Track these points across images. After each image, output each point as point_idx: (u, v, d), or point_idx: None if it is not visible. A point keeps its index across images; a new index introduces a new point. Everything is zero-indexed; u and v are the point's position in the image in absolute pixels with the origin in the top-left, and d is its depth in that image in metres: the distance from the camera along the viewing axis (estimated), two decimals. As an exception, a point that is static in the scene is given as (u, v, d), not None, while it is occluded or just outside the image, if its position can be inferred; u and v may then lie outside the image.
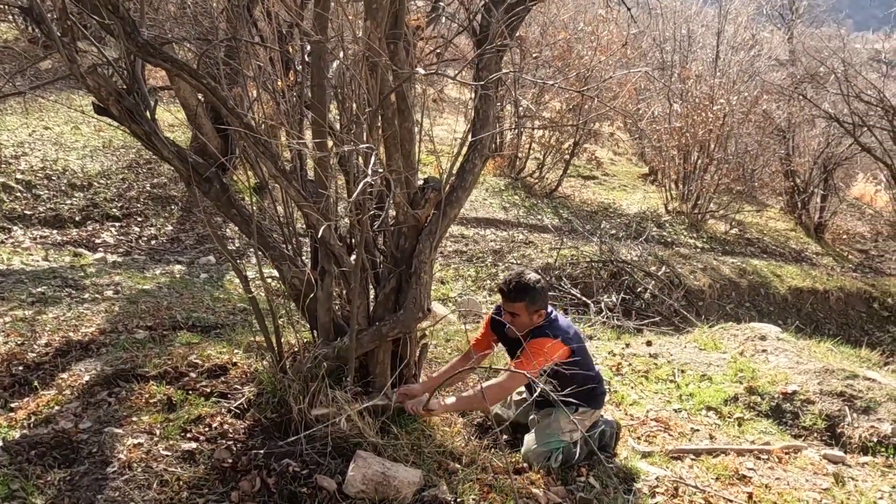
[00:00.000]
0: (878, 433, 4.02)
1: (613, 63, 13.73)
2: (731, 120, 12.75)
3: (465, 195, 2.78)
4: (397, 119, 2.77)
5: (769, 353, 5.05)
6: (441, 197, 2.73)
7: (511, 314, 3.17)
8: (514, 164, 14.19)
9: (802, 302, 9.29)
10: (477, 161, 2.71)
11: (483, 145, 2.69)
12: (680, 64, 13.91)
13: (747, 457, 3.68)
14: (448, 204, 2.76)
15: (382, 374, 3.16)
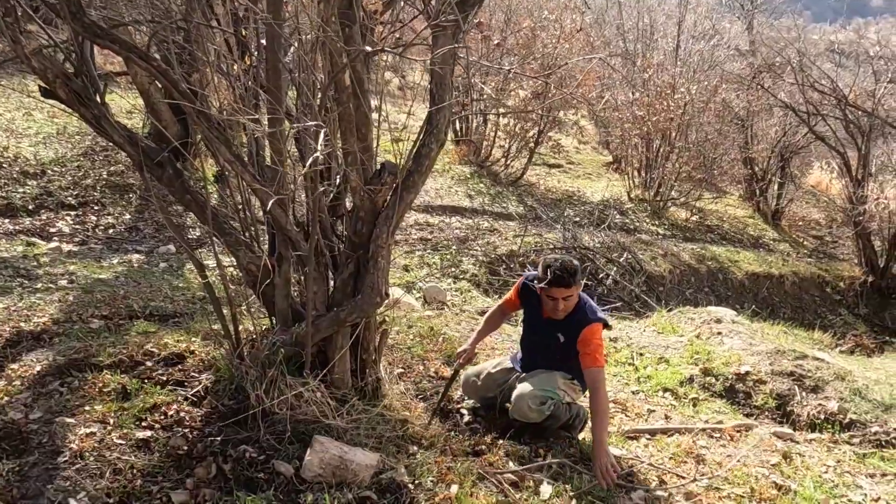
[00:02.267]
0: (826, 411, 4.16)
1: (577, 51, 13.83)
2: (692, 109, 12.95)
3: (422, 180, 2.79)
4: (353, 102, 2.76)
5: (724, 336, 5.18)
6: (397, 181, 2.73)
7: (566, 298, 3.29)
8: (479, 152, 14.22)
9: (759, 286, 9.53)
10: (433, 145, 2.71)
11: (439, 129, 2.69)
12: (642, 53, 14.06)
13: (700, 436, 3.78)
14: (405, 188, 2.76)
15: (342, 360, 3.16)
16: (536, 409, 3.29)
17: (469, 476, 2.81)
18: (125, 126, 2.95)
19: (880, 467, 3.52)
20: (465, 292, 7.83)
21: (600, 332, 3.28)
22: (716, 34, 14.30)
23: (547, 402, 3.32)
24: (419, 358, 4.37)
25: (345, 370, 3.19)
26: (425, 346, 4.56)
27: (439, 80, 2.63)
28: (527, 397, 3.31)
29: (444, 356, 4.46)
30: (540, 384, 3.37)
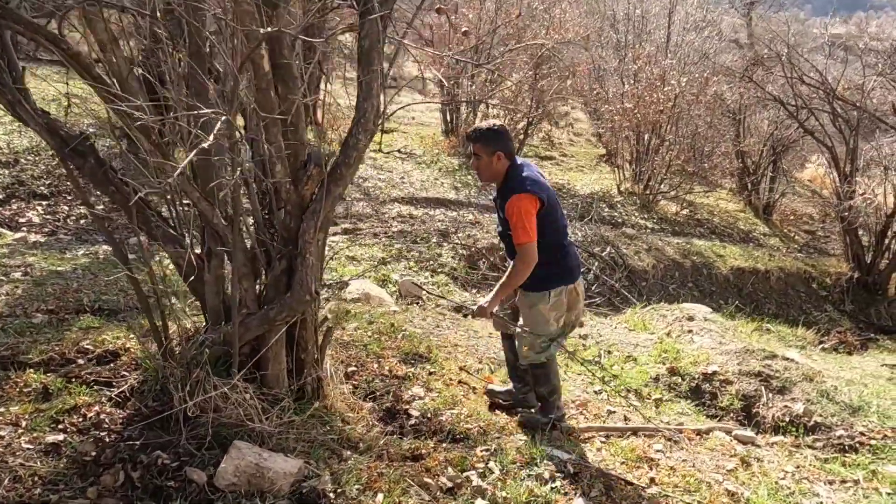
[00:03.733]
0: (791, 413, 4.04)
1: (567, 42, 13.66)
2: (682, 101, 12.78)
3: (351, 172, 2.64)
4: (282, 90, 2.62)
5: (695, 334, 5.05)
6: (324, 173, 2.59)
7: (477, 156, 3.38)
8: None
9: (744, 282, 9.39)
10: (360, 136, 2.57)
11: (367, 119, 2.54)
12: (634, 44, 13.87)
13: (657, 438, 3.66)
14: (332, 181, 2.61)
15: (276, 360, 3.03)
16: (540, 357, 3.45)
17: (399, 483, 2.69)
18: (45, 113, 2.82)
19: (840, 473, 3.40)
20: (443, 286, 7.70)
21: (523, 203, 3.16)
22: (707, 25, 14.09)
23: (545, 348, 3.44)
24: (375, 356, 4.23)
25: (279, 370, 3.06)
26: (383, 344, 4.43)
27: (367, 69, 2.48)
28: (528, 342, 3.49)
29: (401, 354, 4.33)
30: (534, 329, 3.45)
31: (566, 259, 3.43)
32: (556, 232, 3.38)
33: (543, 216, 3.25)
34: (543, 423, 3.54)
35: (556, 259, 3.37)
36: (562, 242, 3.40)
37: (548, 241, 3.30)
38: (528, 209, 3.17)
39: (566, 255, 3.43)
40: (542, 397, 3.58)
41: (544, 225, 3.26)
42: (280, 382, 3.08)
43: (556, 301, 3.38)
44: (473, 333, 5.24)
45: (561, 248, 3.40)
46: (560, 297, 3.40)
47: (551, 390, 3.55)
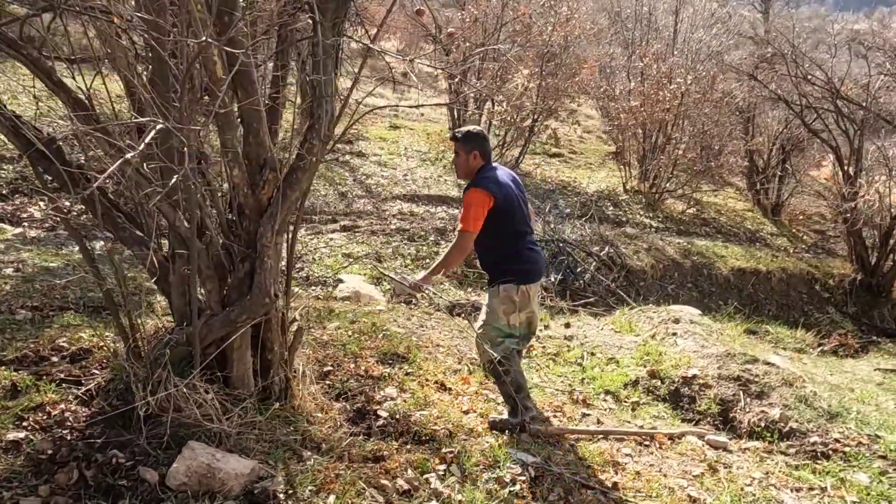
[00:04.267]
0: (767, 418, 4.01)
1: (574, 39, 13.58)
2: (689, 99, 12.67)
3: (307, 177, 2.67)
4: (241, 95, 2.64)
5: (679, 337, 5.03)
6: (279, 178, 2.62)
7: (456, 154, 3.66)
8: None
9: (744, 282, 9.32)
10: (314, 141, 2.59)
11: (321, 125, 2.56)
12: (641, 41, 13.77)
13: (627, 442, 3.65)
14: (287, 186, 2.64)
15: (241, 360, 3.06)
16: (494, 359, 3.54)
17: (354, 485, 2.71)
18: (12, 114, 2.86)
19: (809, 481, 3.37)
20: (437, 285, 7.72)
21: (474, 196, 3.41)
22: (717, 22, 13.95)
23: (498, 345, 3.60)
24: (352, 355, 4.26)
25: (244, 371, 3.10)
26: (362, 343, 4.46)
27: (321, 73, 2.50)
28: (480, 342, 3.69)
29: (379, 353, 4.36)
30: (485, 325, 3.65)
31: (520, 259, 3.55)
32: (510, 233, 3.53)
33: (497, 215, 3.44)
34: (514, 425, 3.57)
35: (509, 257, 3.54)
36: (516, 243, 3.55)
37: (501, 240, 3.51)
38: (477, 202, 3.40)
39: (520, 256, 3.55)
40: (509, 396, 3.61)
41: (498, 223, 3.46)
42: (245, 383, 3.12)
43: (505, 296, 3.53)
44: (458, 333, 5.25)
45: (514, 248, 3.55)
46: (509, 294, 3.52)
47: (517, 387, 3.58)
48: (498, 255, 3.56)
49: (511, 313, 3.55)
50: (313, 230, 8.81)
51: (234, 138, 2.53)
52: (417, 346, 4.57)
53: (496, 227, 3.45)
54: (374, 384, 3.95)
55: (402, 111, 17.65)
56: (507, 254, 3.54)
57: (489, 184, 3.43)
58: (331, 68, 2.50)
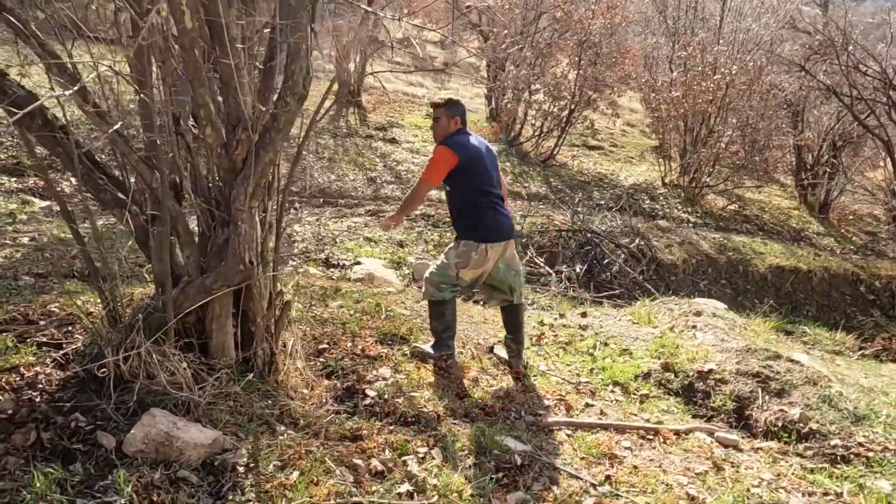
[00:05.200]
0: (786, 417, 3.75)
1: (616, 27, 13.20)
2: (733, 90, 12.19)
3: (281, 137, 2.54)
4: (219, 51, 2.53)
5: (698, 330, 4.77)
6: (252, 138, 2.50)
7: (436, 120, 3.83)
8: (509, 130, 13.84)
9: (783, 281, 8.90)
10: (289, 100, 2.46)
11: (295, 82, 2.43)
12: (686, 30, 13.30)
13: (628, 435, 3.45)
14: (261, 146, 2.52)
15: (220, 330, 2.98)
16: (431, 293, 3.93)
17: (324, 462, 2.59)
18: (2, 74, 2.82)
19: (824, 485, 3.11)
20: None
21: (438, 152, 3.68)
22: (767, 11, 13.38)
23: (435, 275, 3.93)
24: (351, 334, 4.15)
25: (224, 341, 3.01)
26: (363, 323, 4.34)
27: (294, 29, 2.37)
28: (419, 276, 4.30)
29: (379, 334, 4.23)
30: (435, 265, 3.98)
31: (483, 218, 3.76)
32: (474, 192, 3.75)
33: (463, 174, 3.70)
34: (432, 357, 3.93)
35: (473, 214, 3.76)
36: (479, 202, 3.75)
37: (466, 198, 3.76)
38: (441, 157, 3.67)
39: (483, 215, 3.76)
40: (435, 332, 3.97)
41: (464, 182, 3.73)
42: (225, 353, 3.03)
43: (463, 251, 3.79)
44: (468, 318, 5.09)
45: (478, 207, 3.76)
46: (468, 251, 3.77)
47: (445, 327, 3.93)
48: (463, 211, 3.79)
49: (463, 268, 3.81)
50: (338, 213, 8.76)
51: (205, 94, 2.42)
52: (421, 328, 4.42)
53: (462, 186, 3.74)
54: (368, 364, 3.83)
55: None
56: (470, 211, 3.76)
57: (456, 145, 3.69)
58: (305, 21, 2.37)
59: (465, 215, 3.80)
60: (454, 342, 4.08)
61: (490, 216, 3.78)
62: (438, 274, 3.88)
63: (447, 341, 3.99)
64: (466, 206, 3.77)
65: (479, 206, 3.76)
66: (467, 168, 3.70)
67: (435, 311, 3.95)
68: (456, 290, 3.91)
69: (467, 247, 3.77)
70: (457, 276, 3.83)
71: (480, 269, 3.84)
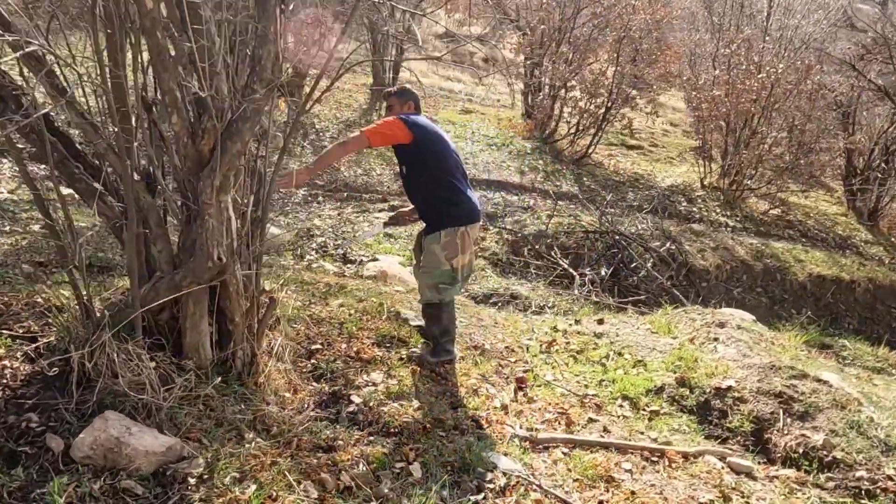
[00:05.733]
0: (807, 443, 3.45)
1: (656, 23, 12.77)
2: (779, 90, 11.66)
3: (249, 126, 2.37)
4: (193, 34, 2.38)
5: (720, 342, 4.47)
6: (218, 127, 2.34)
7: (390, 108, 3.81)
8: (544, 127, 13.53)
9: (823, 291, 8.44)
10: (256, 86, 2.30)
11: (263, 68, 2.26)
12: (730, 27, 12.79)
13: (631, 456, 3.20)
14: (227, 136, 2.36)
15: (195, 329, 2.83)
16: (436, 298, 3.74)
17: (288, 476, 2.42)
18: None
19: (843, 522, 2.83)
20: (478, 271, 7.36)
21: (391, 120, 3.50)
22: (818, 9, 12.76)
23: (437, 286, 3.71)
24: (348, 335, 3.99)
25: (199, 340, 2.87)
26: (362, 323, 4.17)
27: (262, 10, 2.20)
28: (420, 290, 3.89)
29: (378, 335, 4.06)
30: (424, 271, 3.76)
31: (459, 202, 3.60)
32: (447, 173, 3.59)
33: (426, 156, 3.54)
34: (430, 363, 3.73)
35: (449, 199, 3.58)
36: (453, 186, 3.59)
37: (438, 183, 3.57)
38: (391, 125, 3.48)
39: (458, 198, 3.60)
40: (434, 337, 3.79)
41: (430, 165, 3.55)
42: (200, 353, 2.89)
43: (447, 241, 3.59)
44: (477, 322, 4.89)
45: (452, 191, 3.59)
46: (452, 238, 3.58)
47: (443, 331, 3.75)
48: (437, 198, 3.61)
49: (454, 258, 3.62)
50: (360, 208, 8.63)
51: (169, 80, 2.27)
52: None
53: (431, 171, 3.56)
54: (361, 367, 3.66)
55: (476, 97, 17.29)
56: (446, 196, 3.59)
57: (411, 122, 3.50)
58: (273, 3, 2.20)
59: (441, 201, 3.61)
60: (454, 347, 3.91)
61: (465, 198, 3.64)
62: (433, 275, 3.69)
63: (446, 346, 3.81)
64: (442, 190, 3.59)
65: (454, 188, 3.61)
66: (431, 147, 3.54)
67: (430, 314, 3.79)
68: (455, 287, 3.73)
69: (450, 235, 3.59)
70: (452, 268, 3.64)
71: (468, 253, 3.69)
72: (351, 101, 13.42)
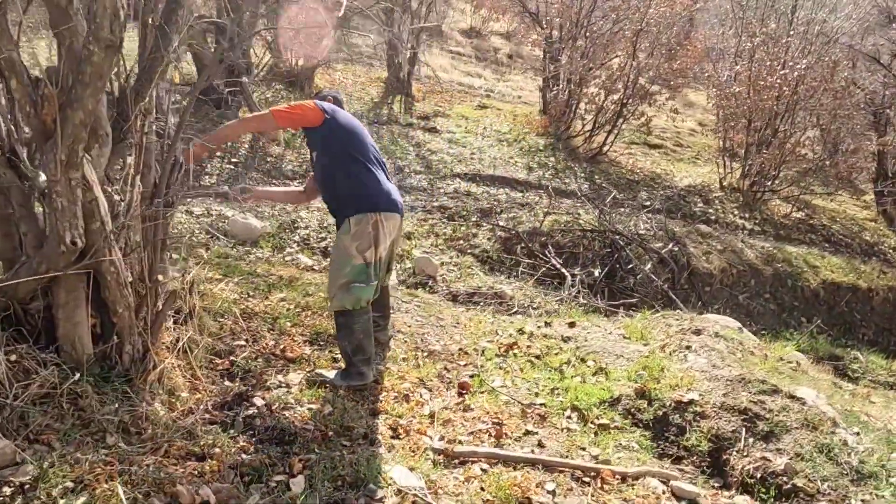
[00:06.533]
0: (768, 468, 3.07)
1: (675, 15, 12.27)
2: (803, 87, 11.07)
3: (90, 93, 2.11)
4: None
5: (692, 351, 4.09)
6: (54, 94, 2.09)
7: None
8: (559, 123, 13.13)
9: (837, 299, 7.91)
10: (92, 47, 2.04)
11: (98, 26, 2.00)
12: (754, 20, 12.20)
13: (560, 475, 2.87)
14: (67, 104, 2.10)
15: (69, 320, 2.59)
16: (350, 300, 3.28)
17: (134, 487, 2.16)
18: None
19: (788, 563, 2.46)
20: (465, 268, 7.06)
21: (305, 102, 3.32)
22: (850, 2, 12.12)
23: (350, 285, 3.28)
24: (279, 331, 3.74)
25: (74, 332, 2.62)
26: (299, 320, 3.92)
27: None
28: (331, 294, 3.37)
29: (311, 333, 3.80)
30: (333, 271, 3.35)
31: (369, 187, 3.30)
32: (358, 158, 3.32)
33: (340, 142, 3.30)
34: (336, 386, 3.27)
35: (359, 185, 3.29)
36: (367, 172, 3.32)
37: (350, 169, 3.30)
38: (301, 106, 3.28)
39: (369, 184, 3.30)
40: (345, 354, 3.31)
41: (340, 151, 3.31)
42: (77, 347, 2.64)
43: (357, 231, 3.24)
44: (437, 321, 4.59)
45: (364, 177, 3.31)
46: (363, 227, 3.24)
47: (356, 347, 3.25)
48: (347, 184, 3.31)
49: (367, 250, 3.25)
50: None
51: (4, 40, 2.02)
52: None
53: (342, 155, 3.31)
54: (283, 366, 3.40)
55: (496, 93, 16.93)
56: (356, 181, 3.30)
57: (327, 108, 3.30)
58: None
59: (352, 186, 3.30)
60: (370, 370, 3.34)
61: (380, 185, 3.34)
62: (343, 273, 3.24)
63: (359, 367, 3.27)
64: (353, 174, 3.30)
65: (367, 173, 3.32)
66: (346, 131, 3.33)
67: (342, 324, 3.26)
68: (370, 287, 3.29)
69: (360, 223, 3.24)
70: (365, 262, 3.24)
71: (382, 247, 3.31)
72: (363, 95, 13.19)
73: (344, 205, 3.32)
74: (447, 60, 18.84)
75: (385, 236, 3.31)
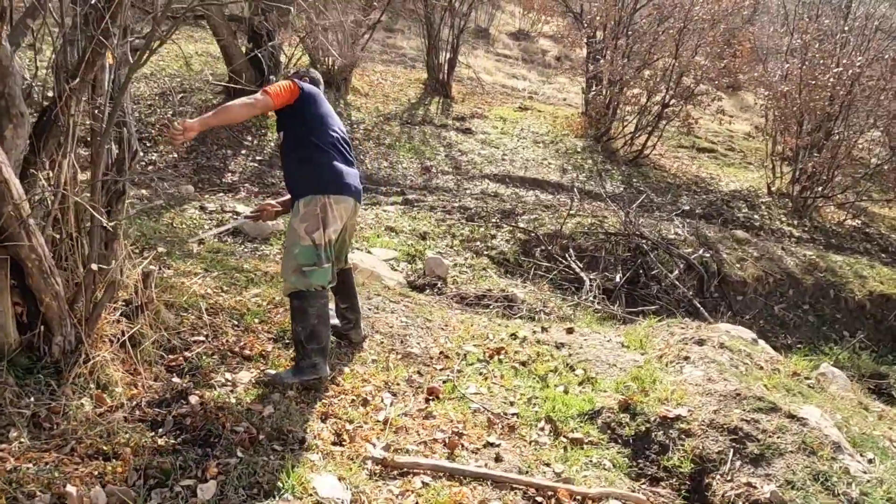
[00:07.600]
0: (752, 495, 2.73)
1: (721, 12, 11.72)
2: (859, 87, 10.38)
3: None
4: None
5: (690, 362, 3.75)
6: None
7: None
8: (599, 125, 12.74)
9: (885, 312, 7.31)
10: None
11: None
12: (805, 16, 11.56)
13: (510, 494, 2.61)
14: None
15: (-8, 307, 2.50)
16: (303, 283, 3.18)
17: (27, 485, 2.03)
18: None
19: None
20: (478, 270, 6.82)
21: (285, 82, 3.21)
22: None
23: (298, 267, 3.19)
24: (243, 328, 3.59)
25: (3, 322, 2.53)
26: (267, 316, 3.77)
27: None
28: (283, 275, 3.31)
29: (279, 330, 3.64)
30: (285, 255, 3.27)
31: (323, 168, 3.20)
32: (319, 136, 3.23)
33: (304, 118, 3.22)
34: (285, 385, 3.08)
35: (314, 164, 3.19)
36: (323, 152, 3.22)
37: (307, 146, 3.21)
38: (287, 84, 3.19)
39: (324, 165, 3.20)
40: (298, 342, 3.15)
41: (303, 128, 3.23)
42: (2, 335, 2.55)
43: (306, 212, 3.15)
44: (423, 322, 4.38)
45: (320, 156, 3.21)
46: (311, 209, 3.14)
47: (309, 334, 3.11)
48: (300, 160, 3.23)
49: (315, 231, 3.14)
50: (371, 200, 8.25)
51: None
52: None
53: (302, 131, 3.22)
54: (238, 364, 3.25)
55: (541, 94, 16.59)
56: (309, 158, 3.21)
57: (304, 85, 3.25)
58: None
59: (304, 164, 3.21)
60: (325, 362, 3.15)
61: (332, 168, 3.21)
62: (293, 256, 3.15)
63: (312, 358, 3.10)
64: (308, 152, 3.20)
65: (322, 152, 3.21)
66: (313, 107, 3.24)
67: (295, 308, 3.16)
68: (323, 270, 3.17)
69: (309, 205, 3.14)
70: (314, 244, 3.13)
71: (331, 229, 3.18)
72: (400, 96, 13.09)
73: (295, 186, 3.27)
74: (492, 63, 18.59)
75: (334, 219, 3.20)
